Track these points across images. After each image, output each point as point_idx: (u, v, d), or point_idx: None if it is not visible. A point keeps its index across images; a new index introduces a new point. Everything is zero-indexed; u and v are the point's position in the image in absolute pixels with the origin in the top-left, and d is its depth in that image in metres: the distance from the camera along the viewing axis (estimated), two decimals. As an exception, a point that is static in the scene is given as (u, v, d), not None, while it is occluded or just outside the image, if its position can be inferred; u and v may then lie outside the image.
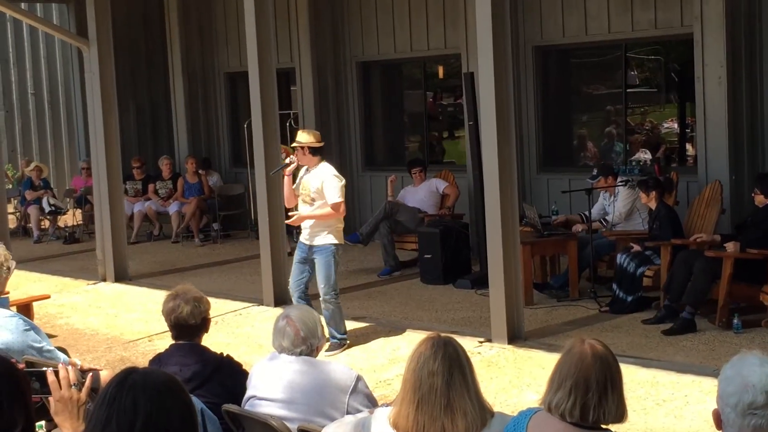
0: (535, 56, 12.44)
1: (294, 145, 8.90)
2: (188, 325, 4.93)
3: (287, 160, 8.94)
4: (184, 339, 4.98)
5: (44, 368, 3.24)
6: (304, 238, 8.86)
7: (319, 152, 8.85)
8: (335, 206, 8.63)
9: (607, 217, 10.55)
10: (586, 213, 10.47)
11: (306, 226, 8.81)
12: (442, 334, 3.76)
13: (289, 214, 8.98)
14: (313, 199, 8.74)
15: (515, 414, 3.69)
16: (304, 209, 8.80)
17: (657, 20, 11.29)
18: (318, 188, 8.67)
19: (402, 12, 13.66)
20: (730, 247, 8.70)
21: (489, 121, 8.52)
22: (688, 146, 11.82)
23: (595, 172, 10.70)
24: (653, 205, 9.69)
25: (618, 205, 10.42)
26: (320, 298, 8.76)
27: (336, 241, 8.74)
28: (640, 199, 10.02)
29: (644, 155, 11.90)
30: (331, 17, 14.31)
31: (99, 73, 12.24)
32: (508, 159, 8.53)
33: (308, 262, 8.81)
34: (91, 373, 3.41)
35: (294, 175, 8.92)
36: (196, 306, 4.95)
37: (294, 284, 8.91)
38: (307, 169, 8.87)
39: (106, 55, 12.29)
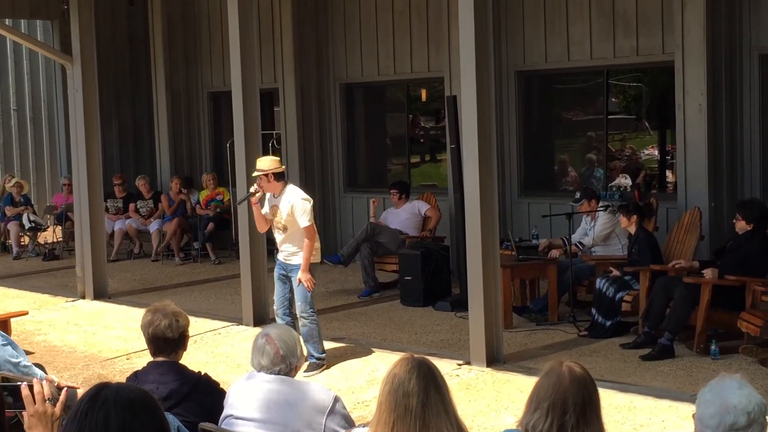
0: (517, 81, 12.51)
1: (256, 173, 8.80)
2: (165, 338, 4.90)
3: (252, 189, 8.84)
4: (162, 354, 4.96)
5: (19, 383, 3.22)
6: (281, 257, 8.88)
7: (282, 177, 8.80)
8: (308, 230, 8.62)
9: (583, 241, 10.59)
10: (565, 237, 10.51)
11: (284, 249, 8.82)
12: (416, 355, 3.75)
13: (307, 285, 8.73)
14: (285, 227, 8.73)
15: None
16: (278, 235, 8.85)
17: (639, 47, 11.39)
18: (289, 213, 8.66)
19: (386, 35, 13.72)
20: (708, 273, 8.75)
21: (471, 145, 8.55)
22: (668, 173, 11.89)
23: (578, 195, 10.74)
24: (633, 230, 9.74)
25: (596, 228, 10.47)
26: (297, 315, 8.76)
27: (312, 261, 8.77)
28: (619, 224, 10.07)
29: (624, 181, 11.96)
30: (315, 39, 14.36)
31: (82, 91, 12.24)
32: (489, 182, 8.56)
33: (288, 277, 8.82)
34: (66, 389, 3.38)
35: (261, 201, 8.90)
36: (175, 320, 4.93)
37: (278, 301, 8.91)
38: (273, 196, 8.81)
39: (89, 72, 12.29)
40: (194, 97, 16.54)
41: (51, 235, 16.65)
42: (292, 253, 8.76)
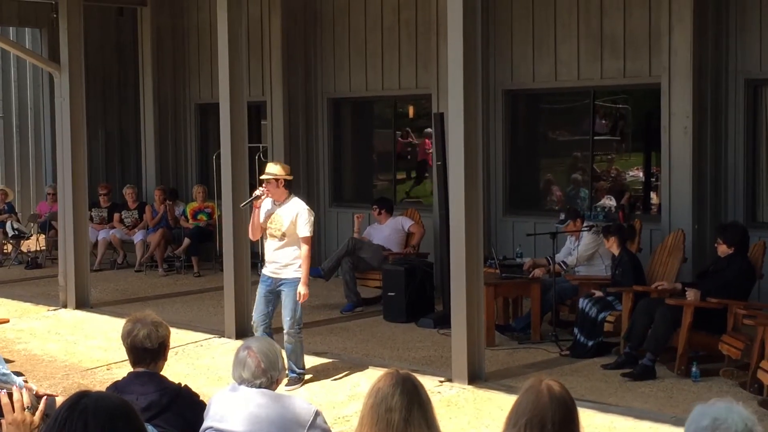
0: (504, 99, 12.56)
1: (265, 177, 8.80)
2: (144, 348, 4.87)
3: (257, 192, 8.82)
4: (141, 364, 4.93)
5: (-2, 390, 3.21)
6: (270, 271, 8.82)
7: (289, 185, 8.87)
8: (306, 240, 8.65)
9: (567, 260, 10.61)
10: (550, 256, 10.55)
11: (274, 260, 8.78)
12: (401, 370, 3.74)
13: (300, 298, 8.67)
14: (284, 234, 8.70)
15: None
16: (272, 243, 8.78)
17: (626, 69, 11.46)
18: (292, 221, 8.66)
19: (374, 51, 13.75)
20: (691, 295, 8.78)
21: (457, 162, 8.57)
22: (653, 195, 11.94)
23: (563, 216, 10.77)
24: (616, 250, 9.78)
25: (580, 248, 10.50)
26: (284, 331, 8.72)
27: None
28: (604, 245, 10.10)
29: (609, 202, 12.01)
30: (304, 53, 14.38)
31: (69, 99, 12.23)
32: (474, 200, 8.57)
33: (274, 294, 8.79)
34: (45, 397, 3.37)
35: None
36: (154, 330, 4.89)
37: (259, 318, 8.85)
38: (274, 203, 8.82)
39: (77, 81, 12.28)
40: (181, 109, 16.53)
41: (34, 243, 16.58)
42: (284, 265, 8.71)
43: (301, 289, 8.62)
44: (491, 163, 12.46)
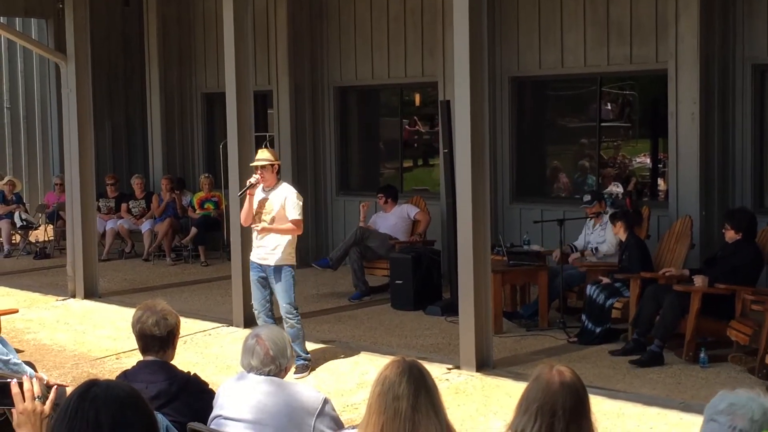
0: (511, 87, 12.53)
1: (260, 163, 8.87)
2: (153, 336, 4.89)
3: (252, 180, 8.92)
4: (150, 352, 4.95)
5: (8, 380, 3.22)
6: (258, 257, 8.90)
7: (279, 171, 9.00)
8: (296, 222, 8.78)
9: (600, 248, 10.50)
10: (574, 244, 10.60)
11: (262, 245, 8.84)
12: (408, 358, 3.75)
13: (254, 227, 8.92)
14: (273, 219, 8.80)
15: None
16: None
17: (632, 55, 11.42)
18: (282, 205, 8.75)
19: (380, 39, 13.74)
20: (699, 281, 8.77)
21: (464, 150, 8.57)
22: (660, 181, 11.92)
23: (589, 198, 10.71)
24: (623, 236, 9.77)
25: (609, 235, 10.39)
26: (282, 318, 8.77)
27: (293, 262, 8.88)
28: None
29: (616, 188, 11.98)
30: (310, 41, 14.36)
31: (76, 90, 12.23)
32: (481, 187, 8.57)
33: (266, 280, 8.87)
34: (55, 387, 3.38)
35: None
36: (163, 318, 4.91)
37: (259, 305, 8.93)
38: (263, 189, 8.90)
39: (83, 71, 12.28)
40: (188, 98, 16.53)
41: (42, 233, 16.62)
42: (272, 249, 8.81)
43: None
44: (498, 150, 12.44)
